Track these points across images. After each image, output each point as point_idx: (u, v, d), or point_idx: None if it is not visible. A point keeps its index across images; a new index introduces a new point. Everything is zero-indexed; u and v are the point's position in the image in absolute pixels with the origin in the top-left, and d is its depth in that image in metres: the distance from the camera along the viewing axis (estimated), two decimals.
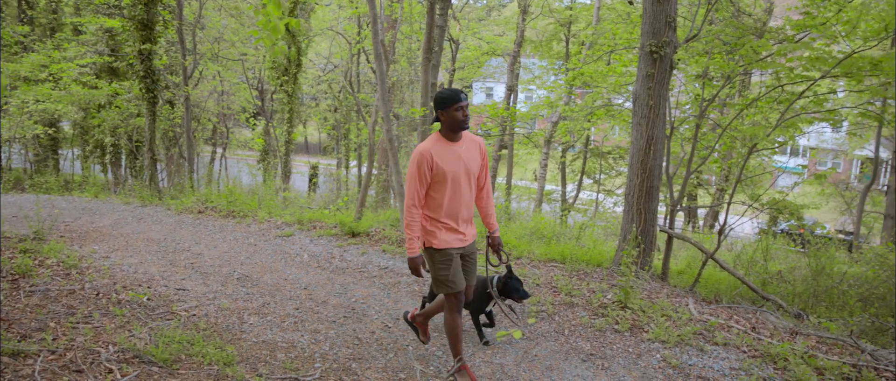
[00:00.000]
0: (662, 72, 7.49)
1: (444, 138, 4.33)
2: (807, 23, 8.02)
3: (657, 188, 7.65)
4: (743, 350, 5.60)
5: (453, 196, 4.35)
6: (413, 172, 4.24)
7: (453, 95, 4.20)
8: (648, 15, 7.56)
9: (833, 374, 5.16)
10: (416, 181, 4.25)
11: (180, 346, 4.97)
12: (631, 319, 6.03)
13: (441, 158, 4.25)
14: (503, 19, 27.29)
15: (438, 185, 4.31)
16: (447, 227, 4.42)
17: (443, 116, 4.26)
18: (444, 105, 4.22)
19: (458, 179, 4.33)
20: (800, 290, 8.46)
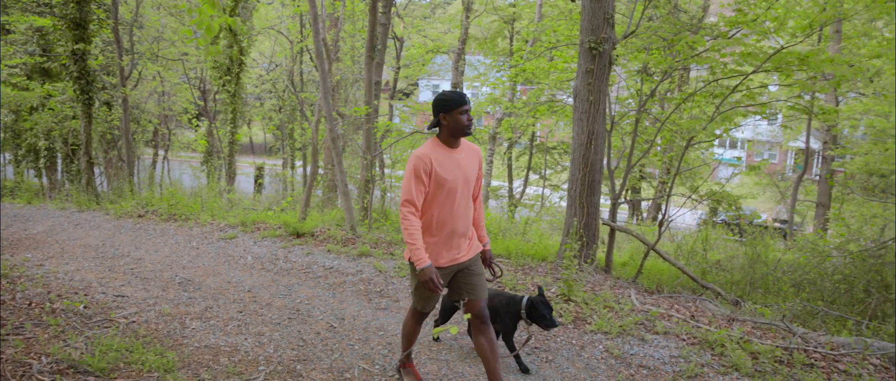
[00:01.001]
0: (602, 68, 7.62)
1: (444, 145, 3.97)
2: (739, 19, 8.27)
3: (599, 182, 7.78)
4: (682, 338, 5.74)
5: (451, 207, 4.00)
6: (410, 177, 3.88)
7: (458, 97, 3.89)
8: (587, 12, 7.68)
9: (766, 358, 5.35)
10: (414, 187, 3.88)
11: (118, 354, 4.84)
12: (574, 311, 6.12)
13: (441, 165, 3.91)
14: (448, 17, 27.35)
15: (436, 194, 3.95)
16: (443, 239, 4.05)
17: (445, 120, 3.90)
18: (447, 108, 3.88)
19: (456, 188, 3.98)
20: (737, 278, 8.73)
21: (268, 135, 39.40)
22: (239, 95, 17.65)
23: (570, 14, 12.09)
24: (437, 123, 3.95)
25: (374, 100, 10.90)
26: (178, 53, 22.81)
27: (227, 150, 18.16)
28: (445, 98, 3.90)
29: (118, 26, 15.13)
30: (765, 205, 27.90)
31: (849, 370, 5.32)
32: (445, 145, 3.98)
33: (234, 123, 17.98)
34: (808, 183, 25.42)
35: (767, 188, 25.64)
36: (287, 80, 23.36)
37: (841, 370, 5.35)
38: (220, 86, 17.96)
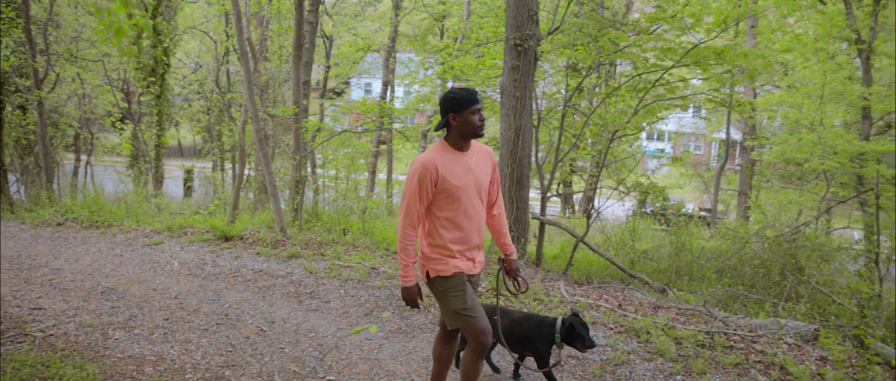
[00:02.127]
0: (527, 64, 7.72)
1: (451, 148, 3.58)
2: (658, 15, 8.51)
3: (527, 177, 7.89)
4: (610, 327, 5.88)
5: (463, 217, 3.62)
6: (412, 187, 3.50)
7: (470, 95, 3.51)
8: (512, 9, 7.77)
9: (689, 342, 5.53)
10: (416, 198, 3.51)
11: (33, 370, 4.65)
12: (505, 305, 6.19)
13: (448, 171, 3.52)
14: (379, 14, 27.21)
15: (445, 204, 3.57)
16: (460, 250, 3.67)
17: (455, 121, 3.52)
18: (458, 107, 3.50)
19: (468, 196, 3.60)
20: (664, 266, 9.00)
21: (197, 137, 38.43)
22: (165, 96, 17.16)
23: (497, 11, 12.21)
24: (445, 124, 3.57)
25: (303, 99, 10.76)
26: (99, 54, 21.93)
27: (154, 153, 17.63)
28: (456, 96, 3.52)
29: (30, 26, 14.46)
30: (691, 195, 28.84)
31: (765, 350, 5.55)
32: (454, 149, 3.59)
33: (160, 125, 17.46)
34: (730, 173, 26.40)
35: (693, 179, 26.51)
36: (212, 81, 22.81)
37: (758, 351, 5.58)
38: (144, 87, 17.42)
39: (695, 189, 27.19)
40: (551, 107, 9.59)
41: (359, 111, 10.06)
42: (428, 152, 3.58)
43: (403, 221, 3.56)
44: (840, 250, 8.48)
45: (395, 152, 21.49)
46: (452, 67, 10.18)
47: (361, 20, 27.16)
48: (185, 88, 29.59)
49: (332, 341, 5.58)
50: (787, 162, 18.62)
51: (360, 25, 27.65)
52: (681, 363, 5.16)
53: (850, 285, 7.87)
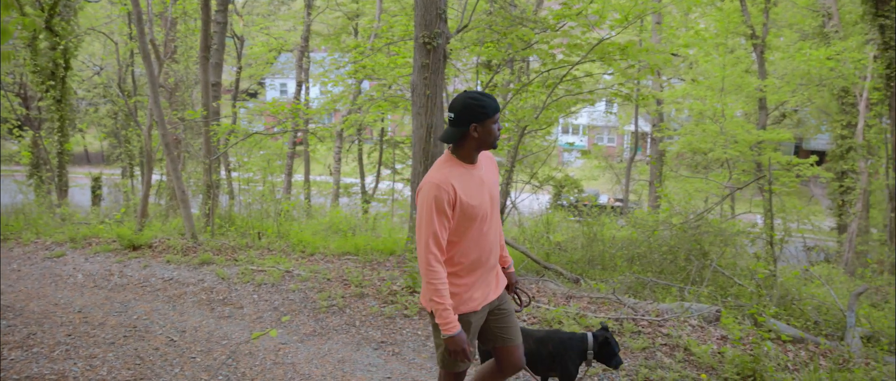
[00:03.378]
0: (437, 62, 7.77)
1: (461, 162, 3.12)
2: (564, 12, 8.72)
3: None
4: (523, 319, 6.00)
5: (481, 238, 3.19)
6: (429, 214, 2.99)
7: (494, 103, 3.08)
8: (420, 7, 7.80)
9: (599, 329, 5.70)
10: (437, 226, 3.00)
11: None
12: (419, 303, 6.22)
13: (465, 190, 3.06)
14: (292, 13, 26.79)
15: (463, 226, 3.11)
16: (473, 282, 3.22)
17: (477, 132, 3.04)
18: (483, 116, 3.01)
19: (485, 214, 3.18)
20: (577, 257, 9.24)
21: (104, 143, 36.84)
22: (66, 100, 16.33)
23: (408, 10, 12.23)
24: (459, 135, 3.07)
25: (214, 102, 10.49)
26: None
27: (56, 161, 16.78)
28: (481, 104, 3.02)
29: None
30: (605, 186, 29.70)
31: (670, 333, 5.80)
32: (464, 162, 3.13)
33: (62, 131, 16.62)
34: (642, 164, 27.36)
35: (607, 171, 27.32)
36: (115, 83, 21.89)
37: (664, 334, 5.82)
38: (42, 92, 16.54)
39: (608, 181, 28.05)
40: None
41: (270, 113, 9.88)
42: (437, 171, 3.07)
43: (427, 256, 3.01)
44: (739, 234, 8.93)
45: (311, 153, 21.26)
46: (364, 66, 10.15)
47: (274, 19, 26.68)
48: (89, 92, 28.31)
49: (246, 347, 5.48)
50: (694, 152, 19.46)
51: (273, 25, 27.15)
52: None
53: (750, 267, 8.30)
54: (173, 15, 13.66)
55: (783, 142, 22.59)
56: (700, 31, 17.90)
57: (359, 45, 11.38)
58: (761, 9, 17.71)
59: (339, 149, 17.61)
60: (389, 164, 20.07)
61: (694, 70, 20.36)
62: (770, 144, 16.56)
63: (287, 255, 8.47)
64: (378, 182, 21.25)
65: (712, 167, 20.40)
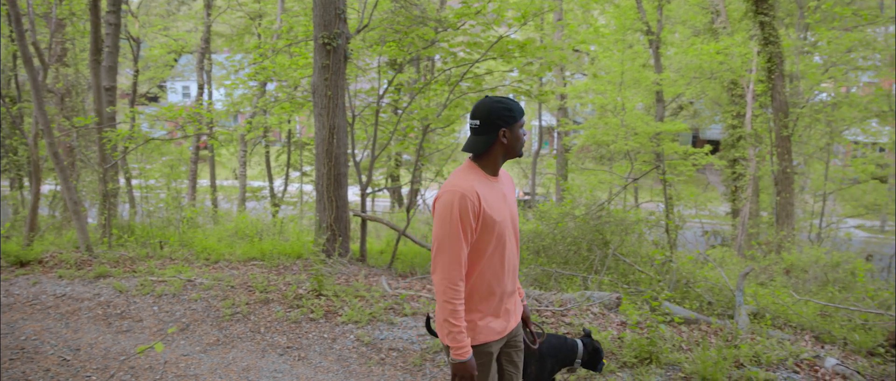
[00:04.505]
0: (337, 63, 7.73)
1: (484, 172, 2.82)
2: (464, 11, 8.82)
3: (345, 175, 7.91)
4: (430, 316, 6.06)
5: (501, 259, 2.84)
6: (453, 224, 2.66)
7: (519, 106, 2.81)
8: (319, 8, 7.74)
9: None
10: (461, 238, 2.67)
11: None
12: (325, 306, 6.19)
13: (488, 201, 2.74)
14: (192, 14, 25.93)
15: (483, 244, 2.77)
16: (491, 308, 2.87)
17: (506, 137, 2.78)
18: (509, 120, 2.76)
19: (506, 232, 2.84)
20: None
21: None
22: None
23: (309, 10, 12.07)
24: (487, 143, 2.78)
25: (108, 106, 10.05)
26: None
27: None
28: (509, 107, 2.77)
29: None
30: (516, 181, 30.26)
31: (573, 322, 5.99)
32: (487, 173, 2.83)
33: None
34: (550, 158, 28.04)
35: (515, 165, 27.82)
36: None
37: (567, 323, 6.00)
38: None
39: (517, 175, 28.60)
40: (367, 103, 9.67)
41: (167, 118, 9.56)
42: (460, 177, 2.74)
43: (447, 271, 2.67)
44: (639, 223, 9.29)
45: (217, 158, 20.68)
46: (265, 68, 9.98)
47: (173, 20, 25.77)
48: None
49: (146, 361, 5.30)
50: (598, 144, 20.08)
51: (173, 26, 26.21)
52: None
53: (649, 254, 8.66)
54: (59, 16, 12.98)
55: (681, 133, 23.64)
56: (599, 27, 18.49)
57: (258, 47, 11.15)
58: (655, 6, 18.48)
59: (244, 152, 17.21)
60: (298, 166, 19.78)
61: (596, 65, 21.01)
62: (668, 135, 17.29)
63: (190, 263, 8.23)
64: (287, 185, 20.92)
65: (616, 159, 21.13)
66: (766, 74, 14.55)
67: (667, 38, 20.61)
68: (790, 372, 5.25)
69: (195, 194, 17.58)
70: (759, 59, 14.87)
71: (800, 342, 6.31)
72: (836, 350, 6.26)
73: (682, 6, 22.16)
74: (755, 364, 5.33)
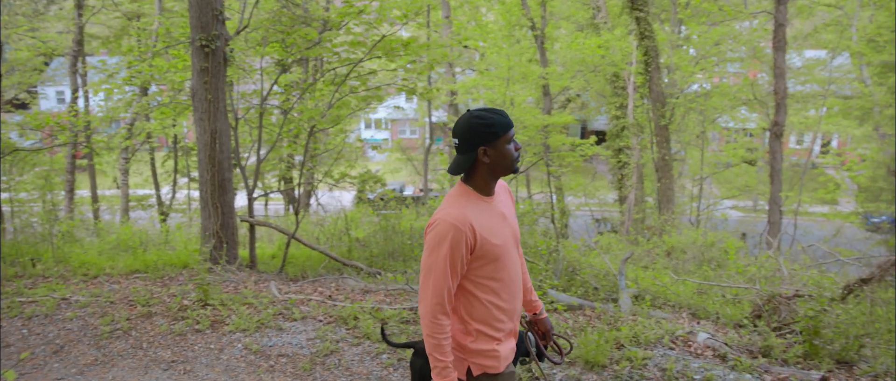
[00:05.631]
0: (216, 65, 7.53)
1: (477, 193, 2.63)
2: (346, 10, 8.79)
3: (230, 180, 7.72)
4: (319, 319, 6.03)
5: (507, 282, 2.69)
6: (441, 259, 2.51)
7: (504, 119, 2.58)
8: (194, 9, 7.51)
9: (394, 321, 5.88)
10: (448, 274, 2.52)
11: None
12: (212, 315, 6.03)
13: (486, 227, 2.57)
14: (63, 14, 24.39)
15: (484, 271, 2.62)
16: (507, 330, 2.73)
17: (488, 156, 2.57)
18: (491, 136, 2.54)
19: (508, 253, 2.67)
20: (377, 252, 9.39)
21: None
22: None
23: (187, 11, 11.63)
24: (467, 163, 2.60)
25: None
26: None
27: None
28: (488, 122, 2.55)
29: None
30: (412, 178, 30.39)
31: None
32: (480, 194, 2.64)
33: None
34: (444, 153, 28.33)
35: (411, 162, 27.96)
36: None
37: None
38: None
39: (411, 173, 28.72)
40: (249, 106, 9.47)
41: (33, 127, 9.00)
42: (452, 206, 2.56)
43: (432, 306, 2.55)
44: (526, 214, 9.55)
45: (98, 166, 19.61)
46: (141, 71, 9.57)
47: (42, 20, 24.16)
48: None
49: None
50: None
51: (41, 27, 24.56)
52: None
53: (537, 244, 8.92)
54: None
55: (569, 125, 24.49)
56: (487, 24, 18.85)
57: (132, 49, 10.68)
58: (539, 2, 19.01)
59: (125, 160, 16.41)
60: (185, 172, 19.07)
61: (485, 61, 21.40)
62: (556, 127, 17.87)
63: (66, 281, 7.79)
64: (175, 192, 20.13)
65: None
66: (643, 66, 15.28)
67: (552, 34, 21.29)
68: (666, 349, 5.57)
69: (73, 205, 16.60)
70: (638, 53, 15.60)
71: (678, 320, 6.70)
72: (710, 325, 6.71)
73: (566, 2, 22.93)
74: (635, 344, 5.62)
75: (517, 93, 18.60)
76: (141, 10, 18.80)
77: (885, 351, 6.31)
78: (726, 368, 5.27)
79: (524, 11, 18.07)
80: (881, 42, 19.62)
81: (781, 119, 15.87)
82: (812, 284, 7.34)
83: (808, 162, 24.80)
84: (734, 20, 20.46)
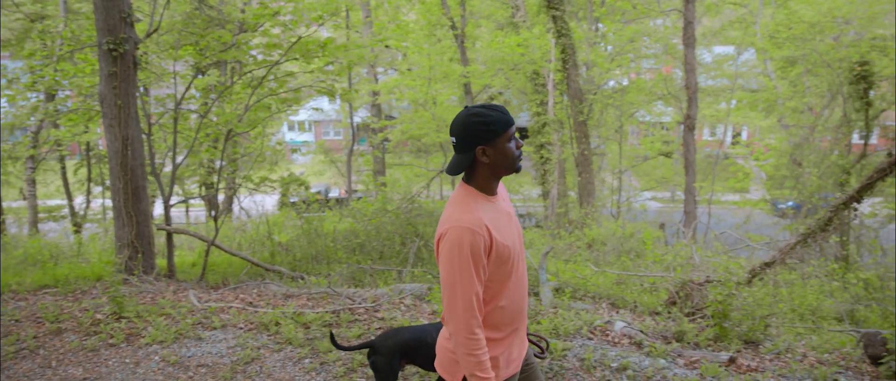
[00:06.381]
0: (126, 70, 7.31)
1: (482, 194, 2.50)
2: (262, 12, 8.65)
3: (144, 188, 7.50)
4: (240, 327, 5.93)
5: (518, 285, 2.58)
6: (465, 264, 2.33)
7: (504, 116, 2.44)
8: (100, 11, 7.27)
9: (316, 324, 5.85)
10: (473, 280, 2.35)
11: None
12: (126, 329, 5.85)
13: (497, 228, 2.44)
14: None
15: (499, 274, 2.48)
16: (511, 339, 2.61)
17: (487, 156, 2.44)
18: (490, 135, 2.41)
19: (518, 256, 2.57)
20: (300, 255, 9.30)
21: None
22: None
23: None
24: (466, 163, 2.48)
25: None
26: None
27: None
28: (484, 120, 2.41)
29: None
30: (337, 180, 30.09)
31: (384, 317, 6.12)
32: (485, 194, 2.51)
33: None
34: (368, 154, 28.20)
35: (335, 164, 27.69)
36: None
37: (379, 318, 6.13)
38: None
39: (336, 174, 28.46)
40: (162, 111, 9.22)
41: None
42: (462, 210, 2.41)
43: (465, 320, 2.36)
44: None
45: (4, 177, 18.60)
46: (45, 76, 9.16)
47: None
48: None
49: None
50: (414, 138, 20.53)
51: None
52: (308, 346, 5.43)
53: None
54: None
55: None
56: (406, 24, 18.88)
57: (35, 53, 10.22)
58: (459, 2, 19.17)
59: (32, 168, 15.63)
60: (99, 180, 18.32)
61: (407, 61, 21.43)
62: None
63: None
64: (89, 201, 19.31)
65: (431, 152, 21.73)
66: (561, 64, 15.62)
67: (472, 33, 21.49)
68: (585, 339, 5.74)
69: None
70: (556, 51, 15.93)
71: (597, 311, 6.91)
72: (627, 314, 6.94)
73: (486, 1, 23.18)
74: (554, 336, 5.76)
75: (439, 92, 18.70)
76: (45, 11, 17.94)
77: (789, 329, 6.69)
78: (642, 354, 5.46)
79: (444, 11, 18.19)
80: (782, 38, 20.67)
81: (693, 112, 16.53)
82: (721, 270, 7.69)
83: (720, 153, 25.88)
84: (647, 18, 21.17)
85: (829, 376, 5.03)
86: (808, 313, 7.83)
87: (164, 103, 9.22)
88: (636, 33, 20.62)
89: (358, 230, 9.28)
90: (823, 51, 17.82)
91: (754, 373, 5.08)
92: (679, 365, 5.25)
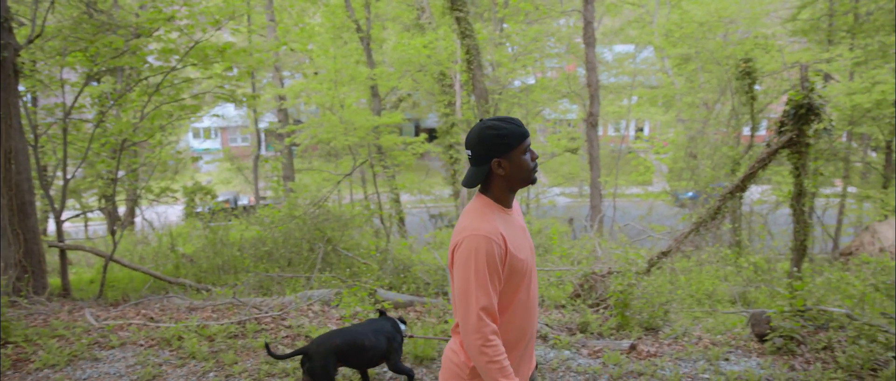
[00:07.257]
0: (6, 78, 6.93)
1: (498, 206, 2.47)
2: (155, 17, 8.36)
3: (31, 203, 7.13)
4: (140, 344, 5.72)
5: (529, 300, 2.53)
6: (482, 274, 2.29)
7: (519, 128, 2.41)
8: None
9: (221, 336, 5.72)
10: (489, 289, 2.31)
11: None
12: (14, 354, 5.52)
13: (512, 240, 2.41)
14: None
15: (512, 287, 2.44)
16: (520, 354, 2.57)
17: (503, 167, 2.41)
18: (506, 147, 2.38)
19: (532, 270, 2.53)
20: (206, 266, 9.05)
21: None
22: None
23: None
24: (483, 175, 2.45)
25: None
26: None
27: None
28: (501, 133, 2.39)
29: None
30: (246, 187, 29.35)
31: (292, 324, 6.05)
32: (502, 206, 2.48)
33: None
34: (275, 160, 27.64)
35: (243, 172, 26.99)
36: None
37: (286, 326, 6.05)
38: None
39: (244, 182, 27.79)
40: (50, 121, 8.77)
41: None
42: (479, 218, 2.39)
43: (481, 329, 2.30)
44: (356, 217, 9.60)
45: None
46: None
47: None
48: None
49: None
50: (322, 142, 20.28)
51: None
52: (212, 359, 5.29)
53: (369, 245, 9.00)
54: None
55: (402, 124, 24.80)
56: (312, 26, 18.65)
57: None
58: (364, 4, 19.08)
59: None
60: None
61: (314, 64, 21.15)
62: (387, 127, 18.03)
63: None
64: None
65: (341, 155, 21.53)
66: (466, 65, 15.80)
67: (379, 35, 21.42)
68: None
69: None
70: (461, 51, 16.09)
71: None
72: None
73: (391, 3, 23.16)
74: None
75: (347, 95, 18.53)
76: None
77: (687, 314, 7.03)
78: (547, 347, 5.62)
79: (349, 14, 18.08)
80: (676, 37, 21.63)
81: (596, 109, 17.08)
82: (622, 261, 7.99)
83: (624, 147, 26.80)
84: (549, 18, 21.68)
85: (721, 355, 5.32)
86: (705, 297, 8.25)
87: (54, 113, 8.76)
88: (539, 33, 21.10)
89: (265, 238, 9.11)
90: (713, 49, 18.78)
91: (653, 358, 5.32)
92: (583, 355, 5.43)
